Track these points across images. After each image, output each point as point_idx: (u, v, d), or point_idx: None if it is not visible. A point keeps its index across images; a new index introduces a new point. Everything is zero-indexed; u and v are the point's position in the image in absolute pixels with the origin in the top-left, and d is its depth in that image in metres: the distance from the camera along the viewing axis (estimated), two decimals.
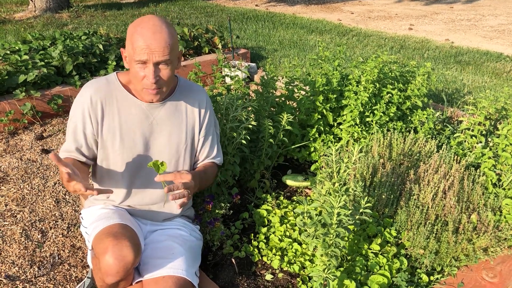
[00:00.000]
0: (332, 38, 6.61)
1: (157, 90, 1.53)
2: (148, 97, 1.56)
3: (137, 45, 1.44)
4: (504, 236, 1.96)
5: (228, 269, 1.92)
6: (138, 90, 1.58)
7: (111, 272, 1.38)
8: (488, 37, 7.01)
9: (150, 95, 1.54)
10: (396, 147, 2.44)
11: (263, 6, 10.19)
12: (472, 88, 4.35)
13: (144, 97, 1.57)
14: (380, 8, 10.13)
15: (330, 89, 2.72)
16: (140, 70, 1.48)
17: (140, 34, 1.44)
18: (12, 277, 1.99)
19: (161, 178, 1.44)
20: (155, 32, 1.44)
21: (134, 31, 1.46)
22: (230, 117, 2.15)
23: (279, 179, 2.62)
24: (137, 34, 1.44)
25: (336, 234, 1.56)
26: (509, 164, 2.33)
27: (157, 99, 1.57)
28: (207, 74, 4.54)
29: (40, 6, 7.84)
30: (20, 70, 3.64)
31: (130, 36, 1.47)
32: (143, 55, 1.44)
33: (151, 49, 1.44)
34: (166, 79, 1.52)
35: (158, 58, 1.46)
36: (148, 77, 1.48)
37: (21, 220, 2.39)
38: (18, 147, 3.20)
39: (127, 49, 1.50)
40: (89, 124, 1.59)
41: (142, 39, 1.43)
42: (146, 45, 1.43)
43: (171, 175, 1.47)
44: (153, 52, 1.44)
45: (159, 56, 1.45)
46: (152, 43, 1.43)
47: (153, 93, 1.53)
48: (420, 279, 1.87)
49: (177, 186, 1.45)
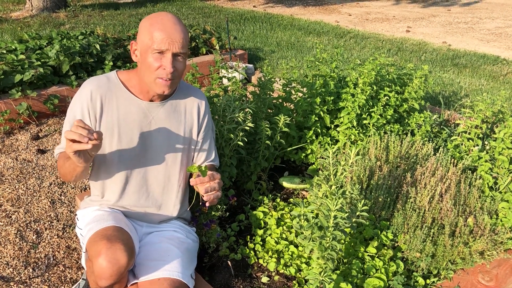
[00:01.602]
0: (329, 40, 6.62)
1: (171, 82, 1.54)
2: (160, 89, 1.55)
3: (157, 35, 1.47)
4: (500, 240, 1.96)
5: (224, 271, 1.91)
6: (146, 83, 1.57)
7: (104, 275, 1.37)
8: (485, 40, 7.03)
9: (163, 87, 1.54)
10: (393, 149, 2.44)
11: (261, 7, 10.19)
12: (469, 91, 4.36)
13: (154, 89, 1.56)
14: (378, 10, 10.15)
15: (327, 91, 2.72)
16: (156, 61, 1.50)
17: (161, 24, 1.48)
18: (7, 278, 1.97)
19: (197, 181, 1.50)
20: (175, 23, 1.50)
21: (153, 22, 1.49)
22: (227, 119, 2.14)
23: (276, 181, 2.61)
24: (157, 24, 1.48)
25: (333, 237, 1.55)
26: (505, 168, 2.33)
27: (168, 91, 1.57)
28: (204, 75, 4.54)
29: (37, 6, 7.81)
30: (16, 69, 3.62)
31: (147, 27, 1.50)
32: (164, 44, 1.47)
33: (172, 39, 1.48)
34: (180, 71, 1.56)
35: (178, 49, 1.50)
36: (165, 66, 1.50)
37: (16, 220, 2.37)
38: (14, 147, 3.18)
39: (142, 40, 1.51)
40: (88, 120, 1.58)
41: (164, 28, 1.47)
42: (167, 35, 1.47)
43: (207, 177, 1.52)
44: (173, 43, 1.48)
45: (179, 47, 1.49)
46: (173, 33, 1.48)
47: (167, 84, 1.54)
48: (416, 282, 1.86)
49: (213, 187, 1.52)
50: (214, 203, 1.56)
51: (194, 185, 1.54)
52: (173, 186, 1.75)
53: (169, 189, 1.75)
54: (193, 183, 1.51)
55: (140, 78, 1.59)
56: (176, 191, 1.77)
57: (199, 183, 1.50)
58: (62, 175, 1.61)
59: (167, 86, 1.55)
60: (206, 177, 1.51)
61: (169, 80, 1.53)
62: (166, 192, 1.75)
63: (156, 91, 1.57)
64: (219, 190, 1.55)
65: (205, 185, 1.51)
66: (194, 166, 1.51)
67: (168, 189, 1.75)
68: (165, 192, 1.75)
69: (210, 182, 1.52)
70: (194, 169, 1.51)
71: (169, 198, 1.76)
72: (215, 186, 1.53)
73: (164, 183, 1.73)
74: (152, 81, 1.54)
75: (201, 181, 1.50)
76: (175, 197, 1.77)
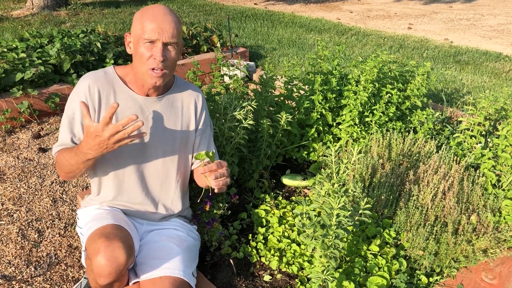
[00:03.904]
0: (331, 37, 6.60)
1: (162, 72, 1.53)
2: (152, 80, 1.54)
3: (148, 25, 1.48)
4: (503, 238, 1.95)
5: (226, 270, 1.91)
6: (140, 75, 1.56)
7: (103, 273, 1.36)
8: (487, 37, 7.00)
9: (154, 78, 1.53)
10: (395, 147, 2.43)
11: (262, 4, 10.16)
12: (472, 88, 4.34)
13: (147, 80, 1.55)
14: (379, 7, 10.12)
15: (329, 88, 2.70)
16: (147, 50, 1.50)
17: (151, 15, 1.50)
18: (8, 277, 1.97)
19: (206, 169, 1.49)
20: (166, 14, 1.52)
21: (144, 13, 1.52)
22: (229, 117, 2.13)
23: (278, 179, 2.60)
24: (148, 15, 1.50)
25: (335, 235, 1.55)
26: (508, 165, 2.32)
27: (160, 83, 1.56)
28: (206, 73, 4.52)
29: (38, 4, 7.80)
30: (17, 68, 3.62)
31: (139, 18, 1.52)
32: (154, 34, 1.48)
33: (162, 28, 1.48)
34: (171, 61, 1.55)
35: (168, 39, 1.50)
36: (156, 55, 1.50)
37: (17, 219, 2.37)
38: (15, 146, 3.18)
39: (135, 31, 1.53)
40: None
41: (154, 19, 1.49)
42: (157, 25, 1.48)
43: (214, 164, 1.51)
44: (163, 32, 1.49)
45: (169, 37, 1.50)
46: (163, 22, 1.49)
47: (158, 74, 1.53)
48: (419, 281, 1.86)
49: (222, 173, 1.51)
50: (223, 189, 1.55)
51: (203, 173, 1.52)
52: (171, 182, 1.75)
53: (167, 186, 1.74)
54: (201, 171, 1.50)
55: (135, 71, 1.59)
56: (174, 187, 1.76)
57: (208, 171, 1.49)
58: (64, 173, 1.60)
59: (159, 77, 1.54)
60: (213, 164, 1.51)
61: (160, 70, 1.52)
62: (164, 188, 1.74)
63: (148, 82, 1.56)
64: (227, 176, 1.55)
65: (213, 172, 1.50)
66: (201, 153, 1.51)
67: (167, 185, 1.74)
68: (163, 188, 1.74)
69: (218, 170, 1.51)
70: (202, 156, 1.51)
71: (167, 195, 1.76)
72: (223, 172, 1.52)
73: (162, 179, 1.73)
74: (145, 72, 1.53)
75: (209, 169, 1.49)
76: (173, 193, 1.77)
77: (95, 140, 1.37)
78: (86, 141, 1.41)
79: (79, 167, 1.53)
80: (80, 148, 1.45)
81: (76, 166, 1.52)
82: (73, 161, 1.51)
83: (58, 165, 1.62)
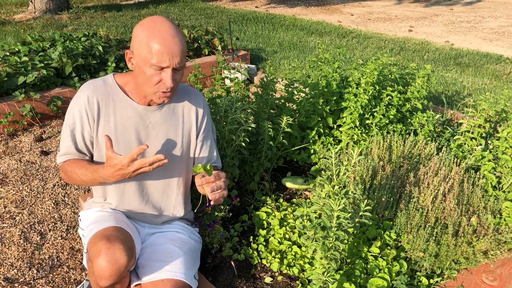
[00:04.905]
0: (332, 40, 6.62)
1: (171, 94, 1.53)
2: (160, 100, 1.54)
3: (157, 50, 1.40)
4: (504, 239, 1.95)
5: (227, 272, 1.92)
6: (144, 93, 1.56)
7: (104, 275, 1.37)
8: (488, 39, 7.01)
9: (162, 98, 1.53)
10: (396, 149, 2.44)
11: (263, 7, 10.19)
12: (472, 90, 4.35)
13: (154, 99, 1.55)
14: (380, 10, 10.13)
15: (329, 91, 2.71)
16: (155, 75, 1.45)
17: (159, 37, 1.40)
18: (11, 279, 1.98)
19: (203, 181, 1.50)
20: (174, 36, 1.42)
21: (150, 33, 1.41)
22: (229, 119, 2.14)
23: (279, 181, 2.61)
24: (155, 37, 1.40)
25: (336, 237, 1.55)
26: (509, 167, 2.32)
27: (168, 101, 1.57)
28: (207, 76, 4.54)
29: (40, 8, 7.84)
30: (19, 71, 3.64)
31: (145, 39, 1.42)
32: (165, 61, 1.42)
33: (172, 54, 1.42)
34: (178, 82, 1.54)
35: (178, 64, 1.45)
36: (166, 81, 1.46)
37: (20, 222, 2.38)
38: (18, 149, 3.20)
39: (140, 51, 1.44)
40: (87, 125, 1.58)
41: (163, 43, 1.40)
42: (166, 50, 1.41)
43: (212, 176, 1.52)
44: (173, 58, 1.43)
45: (178, 62, 1.45)
46: (173, 48, 1.42)
47: (167, 95, 1.52)
48: (419, 282, 1.86)
49: (219, 186, 1.52)
50: (219, 202, 1.56)
51: (200, 185, 1.53)
52: (172, 190, 1.74)
53: (168, 193, 1.74)
54: (198, 183, 1.51)
55: (137, 84, 1.57)
56: (176, 194, 1.76)
57: (205, 183, 1.50)
58: (72, 183, 1.65)
59: (167, 97, 1.54)
60: (211, 176, 1.51)
61: (169, 92, 1.52)
62: (165, 196, 1.74)
63: (155, 101, 1.57)
64: (225, 188, 1.55)
65: (210, 184, 1.51)
66: (198, 166, 1.50)
67: (168, 193, 1.74)
68: (165, 196, 1.74)
69: (216, 182, 1.52)
70: (199, 169, 1.50)
71: (169, 202, 1.76)
72: (221, 184, 1.52)
73: (163, 187, 1.72)
74: (152, 93, 1.52)
75: (206, 181, 1.50)
76: (175, 200, 1.77)
77: (118, 172, 1.44)
78: (107, 169, 1.46)
79: (92, 184, 1.60)
80: (99, 172, 1.50)
81: (90, 183, 1.58)
82: (86, 178, 1.55)
83: (66, 176, 1.63)
